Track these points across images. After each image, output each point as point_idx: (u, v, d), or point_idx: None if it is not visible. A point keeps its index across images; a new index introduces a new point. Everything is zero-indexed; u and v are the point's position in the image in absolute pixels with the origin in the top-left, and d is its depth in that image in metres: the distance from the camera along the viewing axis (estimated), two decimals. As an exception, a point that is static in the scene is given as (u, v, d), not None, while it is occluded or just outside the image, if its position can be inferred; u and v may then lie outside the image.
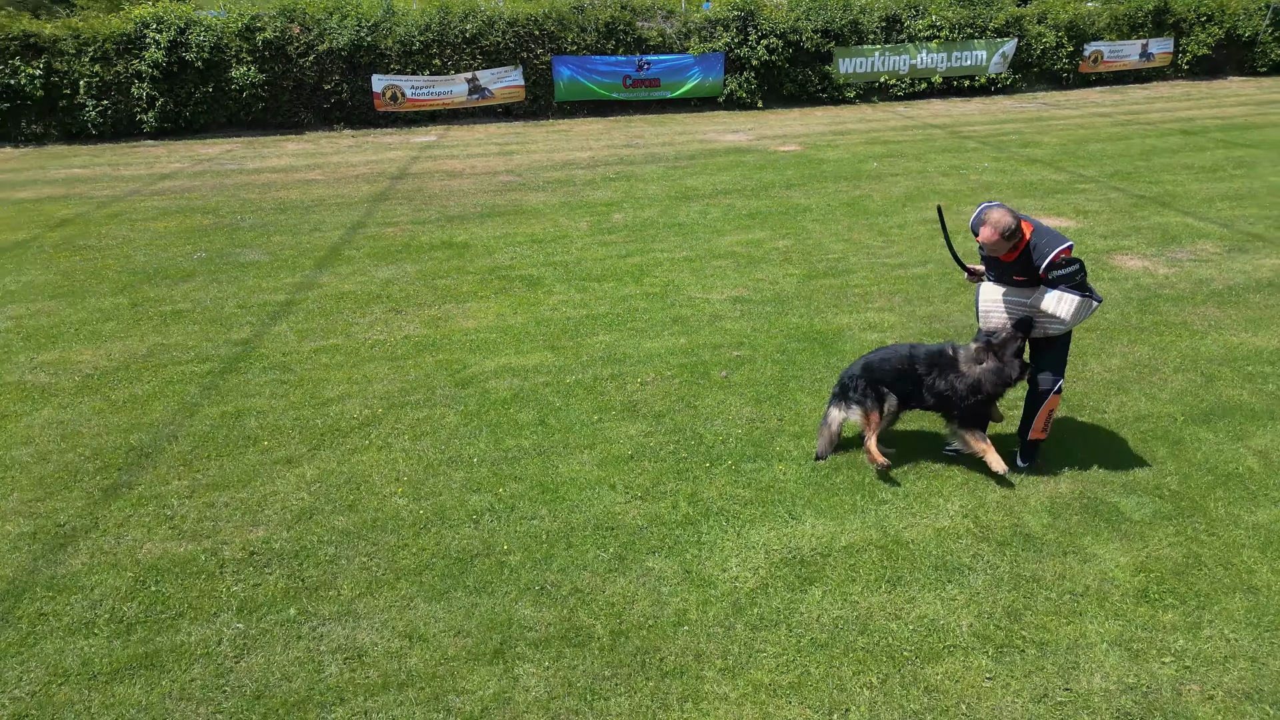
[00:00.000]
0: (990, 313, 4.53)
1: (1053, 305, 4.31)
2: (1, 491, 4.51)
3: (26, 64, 14.76)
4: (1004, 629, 3.51)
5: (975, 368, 4.39)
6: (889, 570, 3.85)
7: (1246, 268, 7.59)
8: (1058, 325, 4.38)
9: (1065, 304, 4.28)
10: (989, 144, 13.76)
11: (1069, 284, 4.26)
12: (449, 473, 4.62)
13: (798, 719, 3.11)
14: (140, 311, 7.05)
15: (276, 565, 3.92)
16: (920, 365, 4.47)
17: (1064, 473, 4.60)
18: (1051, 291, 4.30)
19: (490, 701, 3.19)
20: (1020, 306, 4.43)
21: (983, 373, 4.36)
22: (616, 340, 6.31)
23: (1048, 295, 4.32)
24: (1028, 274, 4.32)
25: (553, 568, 3.88)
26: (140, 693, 3.24)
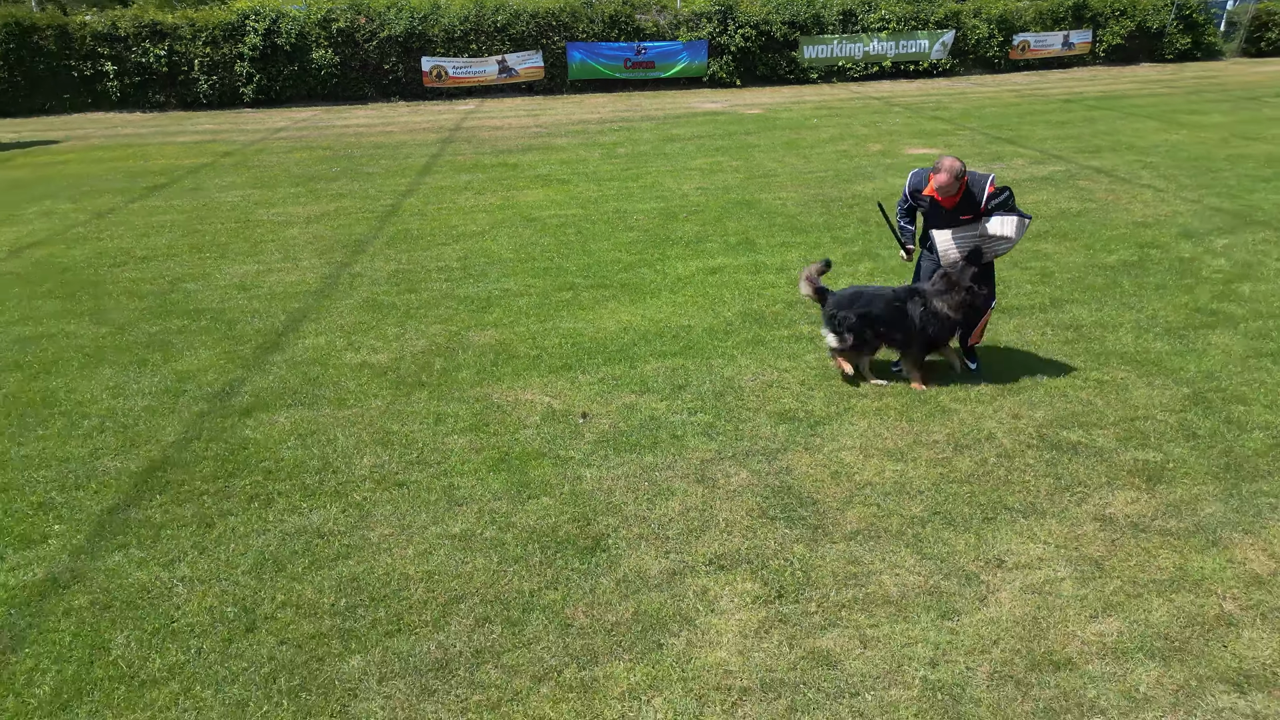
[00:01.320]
0: (949, 251, 5.23)
1: (999, 228, 5.06)
2: (302, 252, 8.45)
3: (154, 46, 18.75)
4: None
5: (940, 300, 5.10)
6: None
7: (1035, 171, 11.52)
8: (1005, 245, 5.16)
9: (1008, 224, 5.05)
10: (910, 109, 17.72)
11: (1004, 209, 5.06)
12: (531, 247, 8.54)
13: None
14: (317, 193, 11.03)
15: (448, 277, 7.85)
16: (899, 302, 5.18)
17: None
18: (994, 218, 5.08)
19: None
20: (971, 239, 5.17)
21: (949, 302, 5.08)
22: (621, 204, 10.25)
23: (992, 221, 5.08)
24: (971, 211, 5.10)
25: (590, 269, 7.79)
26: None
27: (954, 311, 5.09)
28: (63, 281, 7.63)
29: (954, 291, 5.07)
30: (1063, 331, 6.13)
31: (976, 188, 5.06)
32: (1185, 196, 9.84)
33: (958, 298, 5.06)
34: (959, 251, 5.18)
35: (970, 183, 5.07)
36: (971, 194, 5.08)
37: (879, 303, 5.18)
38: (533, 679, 3.11)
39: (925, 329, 5.13)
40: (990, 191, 5.05)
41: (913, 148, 13.33)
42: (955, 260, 5.17)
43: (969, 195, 5.08)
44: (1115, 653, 3.19)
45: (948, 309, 5.08)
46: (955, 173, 4.96)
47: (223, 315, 6.76)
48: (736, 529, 3.94)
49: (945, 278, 5.12)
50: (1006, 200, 5.08)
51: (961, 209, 5.13)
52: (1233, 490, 4.20)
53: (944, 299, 5.09)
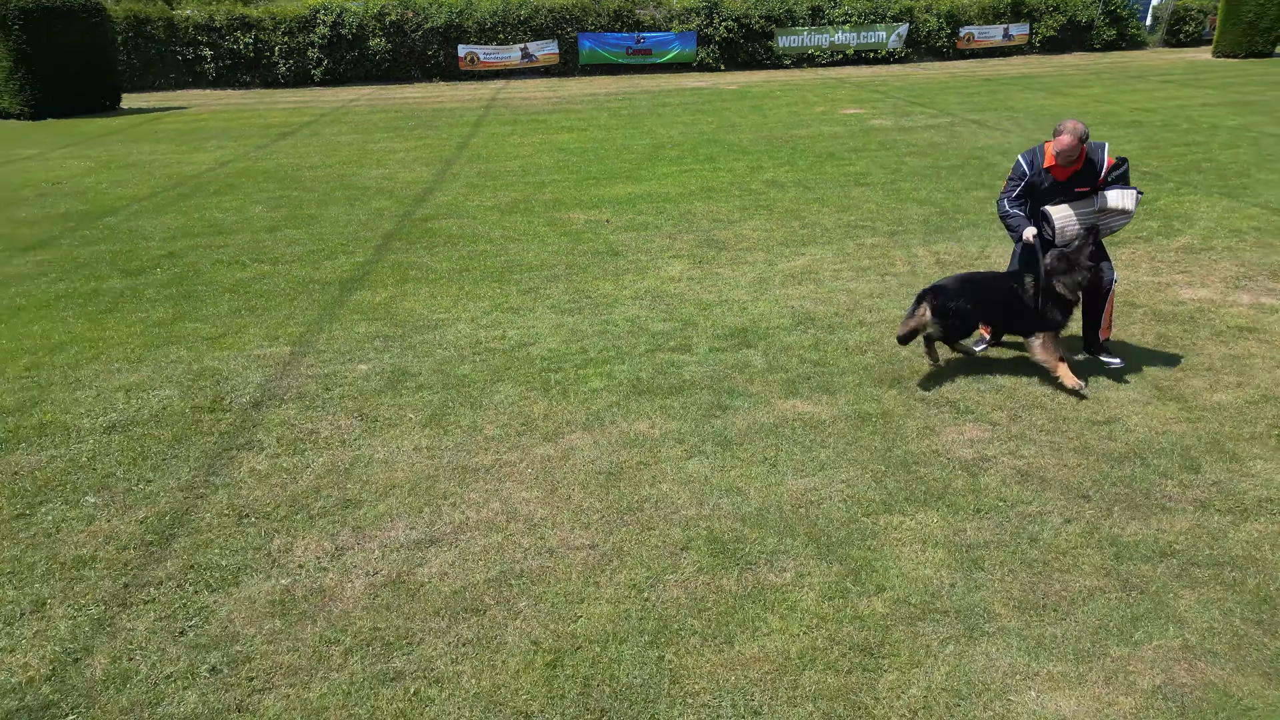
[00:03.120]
0: (1066, 228, 4.92)
1: (1119, 201, 4.83)
2: (412, 164, 12.64)
3: (243, 35, 22.97)
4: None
5: (1060, 280, 4.83)
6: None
7: (928, 121, 15.68)
8: (1122, 220, 4.89)
9: (1128, 197, 4.80)
10: (857, 85, 21.93)
11: (1123, 182, 4.85)
12: (564, 161, 12.72)
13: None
14: (405, 135, 15.24)
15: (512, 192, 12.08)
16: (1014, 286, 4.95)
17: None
18: (1112, 190, 4.85)
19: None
20: (1090, 214, 4.90)
21: (1068, 282, 4.81)
22: (624, 141, 14.44)
23: (1111, 194, 4.85)
24: (1089, 183, 4.89)
25: (605, 171, 11.98)
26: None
27: (1072, 293, 4.85)
28: (269, 177, 11.83)
29: (1074, 271, 4.83)
30: (927, 206, 10.35)
31: (1096, 156, 4.87)
32: (1019, 134, 14.04)
33: (1078, 277, 4.82)
34: (1078, 227, 4.92)
35: (1089, 150, 4.86)
36: (1091, 163, 4.88)
37: (994, 290, 5.05)
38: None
39: (1046, 313, 4.88)
40: (1110, 163, 4.87)
41: (847, 109, 17.55)
42: (1073, 237, 4.91)
43: (1089, 165, 4.89)
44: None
45: (1067, 290, 4.84)
46: (1079, 134, 4.71)
47: (381, 188, 10.97)
48: (686, 255, 8.13)
49: (1064, 257, 4.87)
50: (1125, 172, 4.90)
51: (1079, 180, 4.92)
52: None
53: (1063, 280, 4.84)
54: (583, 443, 4.51)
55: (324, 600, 3.35)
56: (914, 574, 3.45)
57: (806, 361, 5.45)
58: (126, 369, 5.51)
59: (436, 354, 5.67)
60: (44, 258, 8.05)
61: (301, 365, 5.54)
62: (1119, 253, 7.55)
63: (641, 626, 3.19)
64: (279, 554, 3.64)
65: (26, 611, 3.32)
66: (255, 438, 4.61)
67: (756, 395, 5.01)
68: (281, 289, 7.06)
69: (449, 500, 4.01)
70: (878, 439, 4.49)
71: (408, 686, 2.93)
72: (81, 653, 3.10)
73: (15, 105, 17.38)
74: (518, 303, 6.65)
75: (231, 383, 5.29)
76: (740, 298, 6.65)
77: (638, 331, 6.00)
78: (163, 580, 3.48)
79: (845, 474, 4.17)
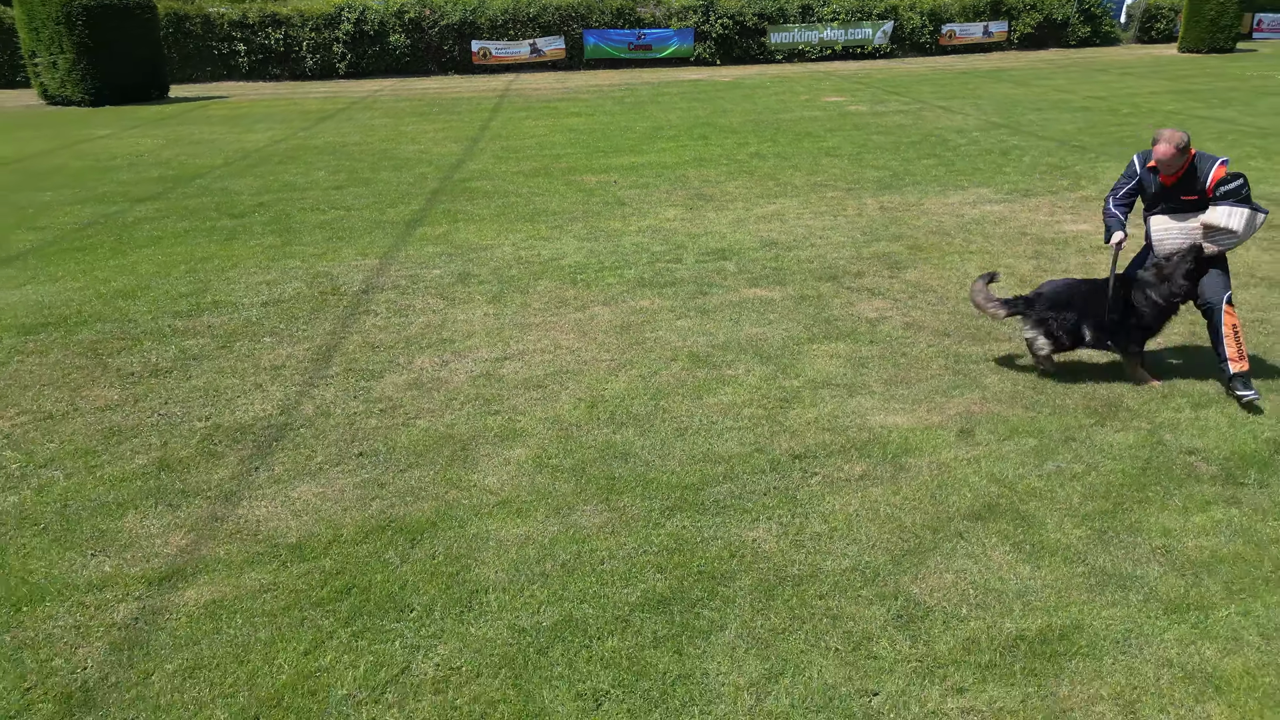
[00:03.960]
0: (1164, 240, 4.87)
1: (1224, 219, 4.60)
2: (442, 140, 14.50)
3: (274, 31, 24.83)
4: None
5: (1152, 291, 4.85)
6: (705, 148, 13.90)
7: (899, 107, 17.53)
8: (1231, 239, 4.68)
9: (1235, 216, 4.58)
10: (843, 78, 23.79)
11: (1235, 199, 4.60)
12: (575, 139, 14.56)
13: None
14: (431, 119, 17.10)
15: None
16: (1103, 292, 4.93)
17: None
18: (1221, 206, 4.62)
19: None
20: (1190, 230, 4.78)
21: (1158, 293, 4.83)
22: (627, 124, 16.28)
23: (1217, 211, 4.63)
24: (1195, 193, 4.72)
25: (611, 146, 13.83)
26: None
27: (1163, 301, 4.89)
28: (321, 151, 13.68)
29: (1165, 284, 4.86)
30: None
31: (1203, 166, 4.73)
32: (978, 117, 15.91)
33: (1167, 290, 4.85)
34: (1176, 242, 4.87)
35: (1196, 159, 4.75)
36: (1195, 171, 4.74)
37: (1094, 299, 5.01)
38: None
39: (1139, 321, 4.94)
40: (1218, 176, 4.69)
41: (828, 97, 19.42)
42: (1170, 253, 4.89)
43: (1192, 172, 4.75)
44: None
45: (1158, 298, 4.89)
46: (1177, 144, 4.63)
47: (420, 159, 12.82)
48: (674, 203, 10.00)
49: (1157, 268, 4.93)
50: (1239, 189, 4.68)
51: (1183, 188, 4.80)
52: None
53: (1154, 291, 4.89)
54: (603, 311, 6.37)
55: (441, 383, 5.22)
56: (821, 369, 5.31)
57: (767, 268, 7.31)
58: (260, 272, 7.38)
59: (490, 264, 7.54)
60: (159, 206, 9.92)
61: (389, 270, 7.41)
62: (1027, 201, 9.42)
63: (645, 391, 5.05)
64: (405, 364, 5.50)
65: (250, 388, 5.18)
66: (370, 308, 6.48)
67: (728, 286, 6.88)
68: (359, 226, 8.92)
69: (514, 340, 5.87)
70: (811, 308, 6.35)
71: (502, 416, 4.79)
72: (293, 405, 4.96)
73: (78, 93, 19.25)
74: (547, 234, 8.51)
75: (341, 280, 7.16)
76: (721, 230, 8.51)
77: (641, 251, 7.86)
78: (334, 375, 5.34)
79: (785, 326, 6.03)
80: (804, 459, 4.29)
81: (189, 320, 6.27)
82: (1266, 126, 13.99)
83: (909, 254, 7.61)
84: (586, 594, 3.33)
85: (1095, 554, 3.53)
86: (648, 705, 2.80)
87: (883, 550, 3.58)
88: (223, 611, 3.26)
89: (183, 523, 3.84)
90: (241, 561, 3.56)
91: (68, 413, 4.89)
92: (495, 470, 4.24)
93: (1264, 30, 35.21)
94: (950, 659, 2.98)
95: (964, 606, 3.24)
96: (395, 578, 3.44)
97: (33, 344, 5.89)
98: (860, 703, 2.81)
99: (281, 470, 4.27)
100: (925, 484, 4.05)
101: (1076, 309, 4.94)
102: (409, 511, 3.90)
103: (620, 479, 4.14)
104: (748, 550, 3.58)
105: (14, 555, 3.62)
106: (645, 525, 3.77)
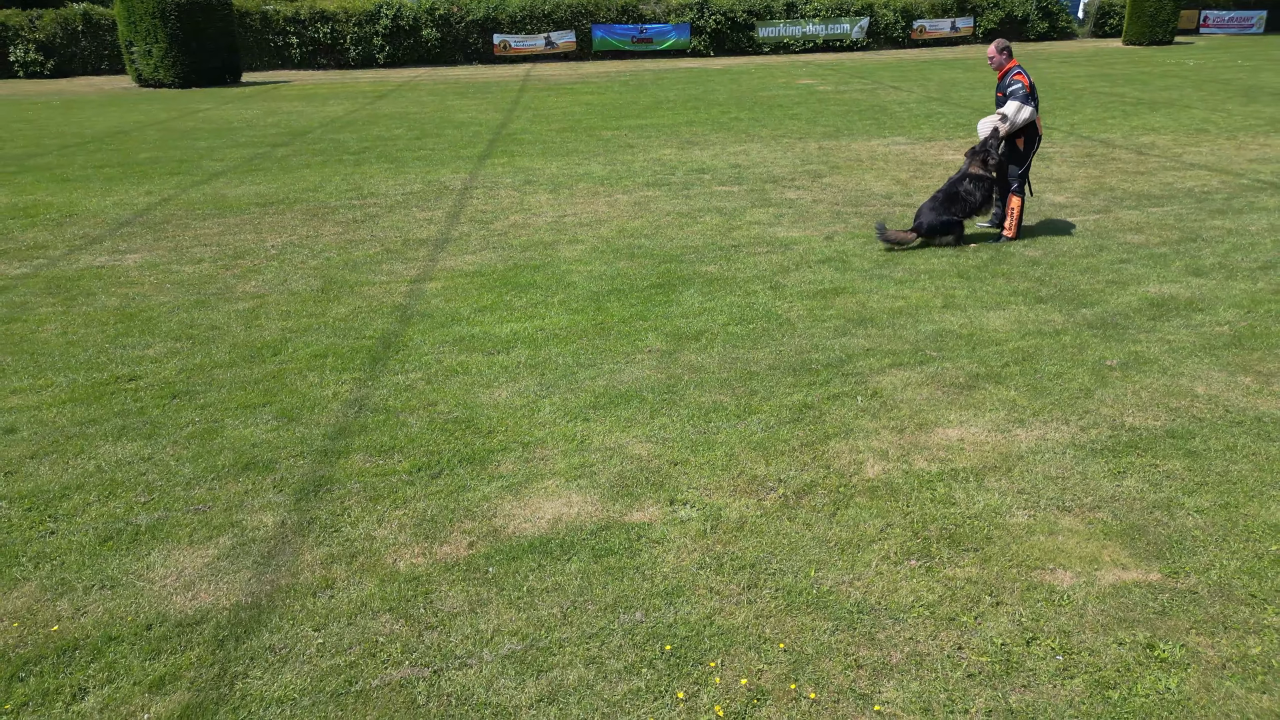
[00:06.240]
0: (981, 127, 7.50)
1: (1008, 110, 7.21)
2: (483, 110, 18.07)
3: (322, 26, 28.40)
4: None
5: (972, 164, 7.45)
6: (695, 115, 17.48)
7: (859, 86, 21.07)
8: (1008, 123, 7.19)
9: (1010, 107, 7.11)
10: (820, 66, 27.35)
11: (1015, 96, 7.11)
12: (590, 110, 18.11)
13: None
14: (470, 97, 20.65)
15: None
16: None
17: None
18: (1010, 102, 7.19)
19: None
20: (993, 120, 7.37)
21: (977, 165, 7.42)
22: (631, 100, 19.81)
23: (1006, 105, 7.24)
24: (1001, 90, 7.42)
25: (619, 117, 17.39)
26: (545, 122, 16.97)
27: (984, 169, 7.37)
28: (390, 118, 17.21)
29: (978, 155, 7.41)
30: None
31: (1011, 73, 7.11)
32: (920, 93, 19.46)
33: (980, 159, 7.38)
34: (983, 130, 7.38)
35: (1012, 69, 7.19)
36: (1006, 76, 7.15)
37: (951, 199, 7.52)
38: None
39: (970, 199, 7.45)
40: (1009, 81, 7.13)
41: (802, 80, 22.99)
42: (984, 137, 7.33)
43: (1005, 75, 7.24)
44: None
45: (979, 169, 7.37)
46: (998, 45, 7.13)
47: (472, 122, 16.36)
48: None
49: (973, 152, 7.49)
50: (1018, 91, 7.07)
51: (999, 88, 7.41)
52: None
53: (973, 159, 7.42)
54: (622, 197, 9.93)
55: (529, 224, 8.78)
56: (754, 217, 8.87)
57: (731, 177, 10.87)
58: (390, 180, 10.97)
59: (543, 176, 11.12)
60: (293, 149, 13.50)
61: (477, 179, 10.99)
62: (926, 144, 12.99)
63: (651, 226, 8.61)
64: (505, 218, 9.06)
65: (418, 225, 8.74)
66: (472, 196, 10.06)
67: (704, 184, 10.45)
68: (444, 158, 12.51)
69: (568, 208, 9.43)
70: (755, 195, 9.91)
71: (569, 233, 8.35)
72: (446, 232, 8.53)
73: (169, 77, 22.84)
74: (579, 162, 12.08)
75: (447, 183, 10.75)
76: (703, 159, 12.08)
77: (645, 169, 11.43)
78: (465, 221, 8.91)
79: (736, 202, 9.58)
80: (738, 246, 7.87)
81: (361, 200, 9.88)
82: (1144, 98, 17.57)
83: (829, 170, 11.18)
84: (621, 279, 6.92)
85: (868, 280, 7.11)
86: (663, 307, 6.37)
87: (771, 271, 7.15)
88: (454, 291, 6.84)
89: (411, 268, 7.42)
90: (461, 277, 7.14)
91: (319, 234, 8.48)
92: (570, 249, 7.83)
93: (1210, 25, 38.76)
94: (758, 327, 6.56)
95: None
96: (527, 281, 7.01)
97: (271, 210, 9.50)
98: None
99: (455, 250, 7.86)
100: (800, 254, 7.63)
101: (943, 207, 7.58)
102: (529, 260, 7.49)
103: (637, 251, 7.74)
104: (703, 274, 7.15)
105: (349, 278, 7.21)
106: (650, 265, 7.35)
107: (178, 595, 3.36)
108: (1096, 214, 8.75)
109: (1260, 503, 3.82)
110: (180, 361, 5.55)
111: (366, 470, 4.22)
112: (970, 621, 3.14)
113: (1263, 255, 7.29)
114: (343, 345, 5.77)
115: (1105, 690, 2.82)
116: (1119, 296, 6.39)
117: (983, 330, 5.82)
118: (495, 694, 2.85)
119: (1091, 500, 3.86)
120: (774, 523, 3.75)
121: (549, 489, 4.04)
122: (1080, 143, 12.73)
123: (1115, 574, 3.38)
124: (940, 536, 3.64)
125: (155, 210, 9.65)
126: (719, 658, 2.99)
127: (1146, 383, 4.99)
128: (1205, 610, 3.17)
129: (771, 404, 4.82)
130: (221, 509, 3.92)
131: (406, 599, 3.31)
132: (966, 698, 2.81)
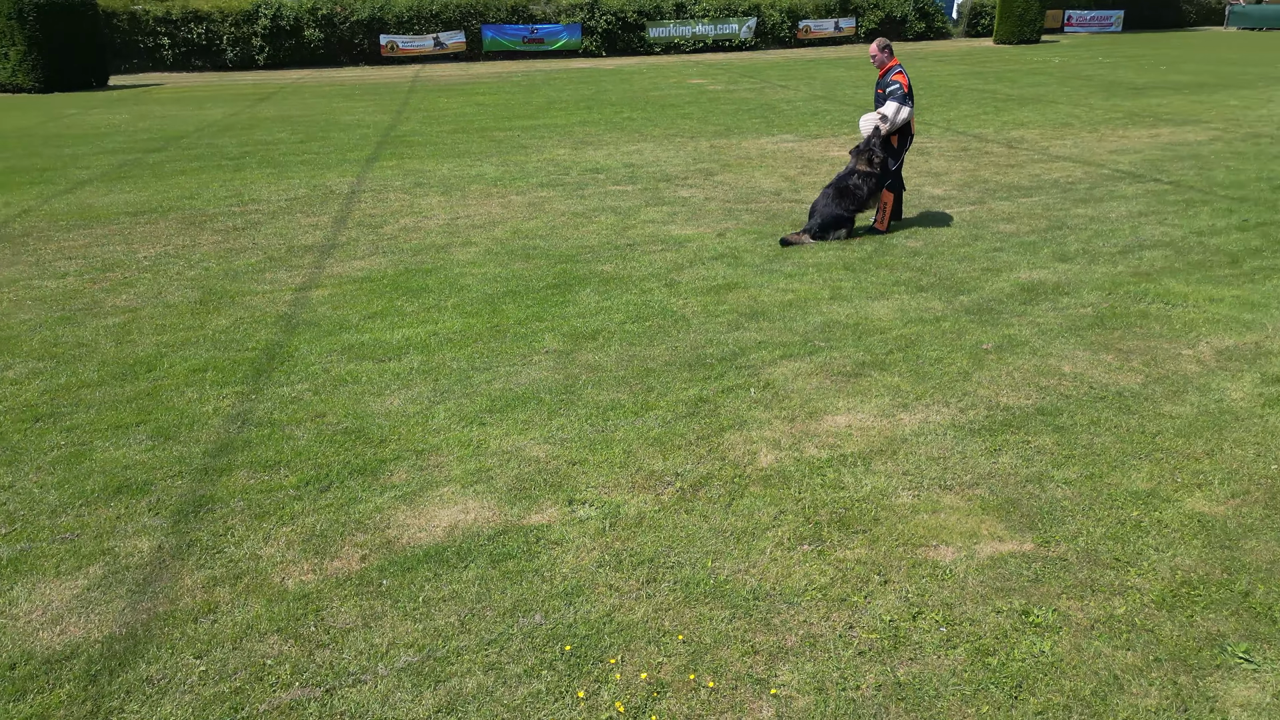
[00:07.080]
0: (863, 125, 7.71)
1: (888, 110, 7.49)
2: (369, 114, 17.62)
3: (196, 26, 27.16)
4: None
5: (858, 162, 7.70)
6: (588, 115, 17.49)
7: (747, 84, 21.47)
8: (889, 123, 7.45)
9: (889, 107, 7.43)
10: (710, 66, 27.74)
11: (894, 97, 7.37)
12: (486, 112, 17.90)
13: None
14: (358, 99, 20.11)
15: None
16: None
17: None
18: (888, 102, 7.45)
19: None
20: (874, 119, 7.60)
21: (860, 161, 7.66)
22: (524, 101, 19.67)
23: (886, 106, 7.48)
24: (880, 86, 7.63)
25: (519, 116, 17.24)
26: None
27: (869, 167, 7.64)
28: (274, 121, 16.58)
29: (863, 154, 7.67)
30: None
31: (891, 72, 7.32)
32: (806, 91, 19.97)
33: (865, 157, 7.64)
34: (864, 129, 7.65)
35: (891, 68, 7.41)
36: (886, 74, 7.38)
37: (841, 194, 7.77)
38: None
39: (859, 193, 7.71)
40: (889, 80, 7.42)
41: (693, 80, 23.28)
42: (867, 136, 7.56)
43: (884, 74, 7.46)
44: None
45: (865, 166, 7.63)
46: (879, 44, 7.53)
47: (359, 124, 15.92)
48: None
49: (857, 150, 7.76)
50: (896, 91, 7.34)
51: (879, 85, 7.67)
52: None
53: (859, 157, 7.69)
54: (517, 198, 9.84)
55: (421, 228, 8.60)
56: (648, 216, 8.93)
57: (625, 176, 10.91)
58: (273, 185, 10.57)
59: (434, 178, 10.92)
60: (167, 155, 12.86)
61: (365, 182, 10.71)
62: (813, 141, 13.34)
63: (546, 227, 8.56)
64: (395, 221, 8.85)
65: (304, 231, 8.46)
66: (360, 199, 9.80)
67: (598, 184, 10.45)
68: (330, 161, 12.14)
69: (461, 210, 9.28)
70: (649, 193, 9.98)
71: (462, 236, 8.23)
72: (333, 237, 8.28)
73: (29, 81, 21.42)
74: (472, 163, 11.92)
75: (333, 187, 10.43)
76: (597, 159, 12.09)
77: (539, 169, 11.37)
78: (353, 226, 8.67)
79: (631, 201, 9.63)
80: (633, 245, 7.91)
81: (241, 206, 9.50)
82: (1014, 94, 18.50)
83: (720, 168, 11.36)
84: (517, 280, 6.87)
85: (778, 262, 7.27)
86: (559, 307, 6.34)
87: (666, 268, 7.21)
88: (344, 295, 6.64)
89: (296, 275, 7.18)
90: (349, 283, 6.93)
91: (197, 244, 8.11)
92: (464, 251, 7.72)
93: (1074, 25, 41.11)
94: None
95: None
96: (419, 285, 6.88)
97: (143, 219, 9.03)
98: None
99: (343, 255, 7.64)
100: (694, 251, 7.73)
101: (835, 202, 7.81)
102: (421, 264, 7.34)
103: (533, 251, 7.69)
104: (599, 274, 7.16)
105: (229, 288, 6.91)
106: (546, 266, 7.32)
107: (44, 630, 3.16)
108: (972, 205, 9.17)
109: (1122, 472, 4.08)
110: (43, 382, 5.22)
111: (251, 487, 4.06)
112: (860, 601, 3.25)
113: (1121, 240, 7.78)
114: (223, 358, 5.54)
115: (985, 657, 2.96)
116: (993, 283, 6.72)
117: (868, 320, 6.02)
118: (391, 708, 2.79)
119: (970, 478, 4.05)
120: (672, 516, 3.79)
121: (444, 496, 3.98)
122: (956, 138, 13.32)
123: (993, 546, 3.55)
124: (831, 520, 3.75)
125: (14, 223, 9.05)
126: (619, 654, 3.00)
127: (1019, 364, 5.26)
128: (1074, 576, 3.37)
129: (668, 400, 4.87)
130: (91, 536, 3.71)
131: (296, 618, 3.20)
132: (858, 674, 2.90)
